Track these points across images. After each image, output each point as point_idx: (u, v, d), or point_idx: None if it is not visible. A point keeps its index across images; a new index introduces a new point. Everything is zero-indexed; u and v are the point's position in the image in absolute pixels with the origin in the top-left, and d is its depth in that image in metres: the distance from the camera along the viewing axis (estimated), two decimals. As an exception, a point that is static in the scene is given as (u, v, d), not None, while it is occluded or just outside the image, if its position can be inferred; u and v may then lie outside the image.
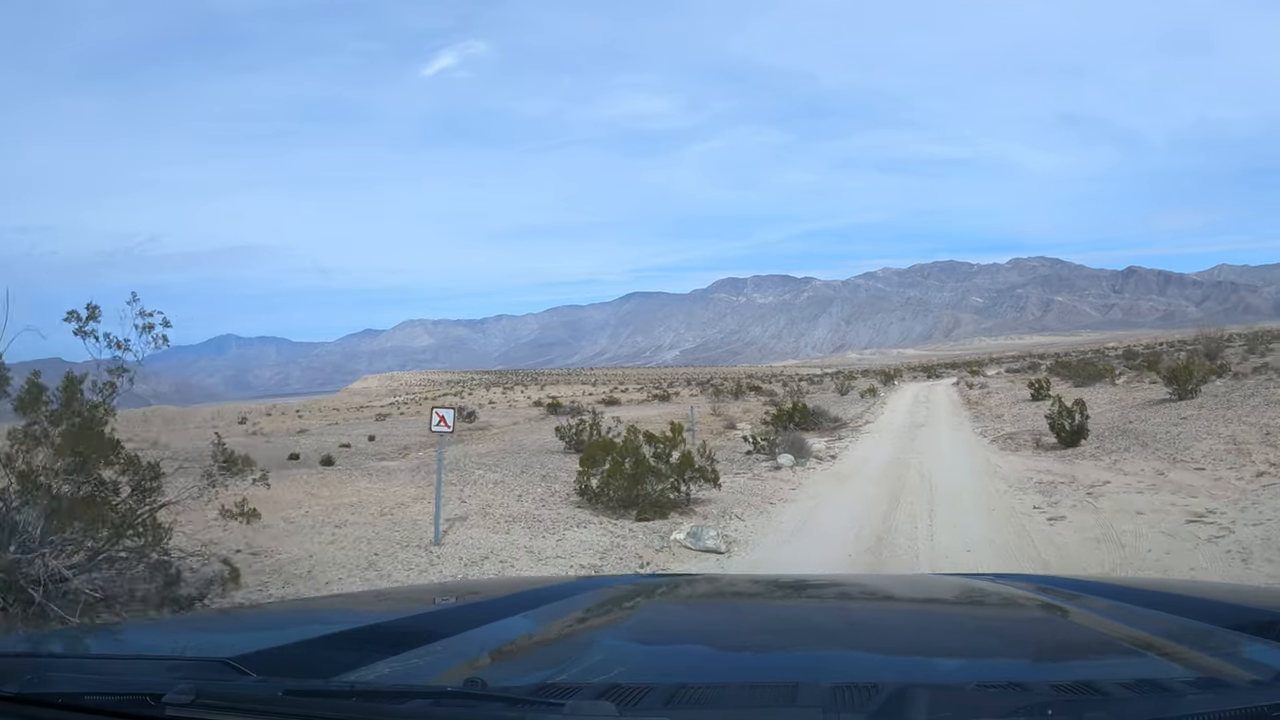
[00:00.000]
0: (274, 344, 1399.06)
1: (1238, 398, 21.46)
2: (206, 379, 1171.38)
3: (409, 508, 12.96)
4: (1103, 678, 1.44)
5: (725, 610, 2.72)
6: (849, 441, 24.22)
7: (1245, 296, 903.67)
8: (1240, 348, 56.16)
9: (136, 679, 1.48)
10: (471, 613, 2.33)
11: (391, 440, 34.23)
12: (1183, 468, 14.70)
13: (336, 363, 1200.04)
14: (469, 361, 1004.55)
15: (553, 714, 1.26)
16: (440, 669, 1.69)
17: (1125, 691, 1.35)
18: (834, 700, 1.32)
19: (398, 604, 3.01)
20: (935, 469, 17.25)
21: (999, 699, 1.36)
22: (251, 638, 2.07)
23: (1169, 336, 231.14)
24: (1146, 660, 1.77)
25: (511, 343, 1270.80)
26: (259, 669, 1.48)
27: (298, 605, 4.25)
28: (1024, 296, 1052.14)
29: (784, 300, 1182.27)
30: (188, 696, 1.33)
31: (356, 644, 1.84)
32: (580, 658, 1.74)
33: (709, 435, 28.36)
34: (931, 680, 1.57)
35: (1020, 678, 1.53)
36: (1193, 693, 1.34)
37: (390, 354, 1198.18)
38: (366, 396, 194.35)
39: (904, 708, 1.27)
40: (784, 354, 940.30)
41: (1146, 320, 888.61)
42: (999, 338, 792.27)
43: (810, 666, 1.80)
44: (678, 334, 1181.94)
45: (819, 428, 28.22)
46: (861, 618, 2.53)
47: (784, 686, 1.43)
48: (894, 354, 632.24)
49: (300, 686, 1.40)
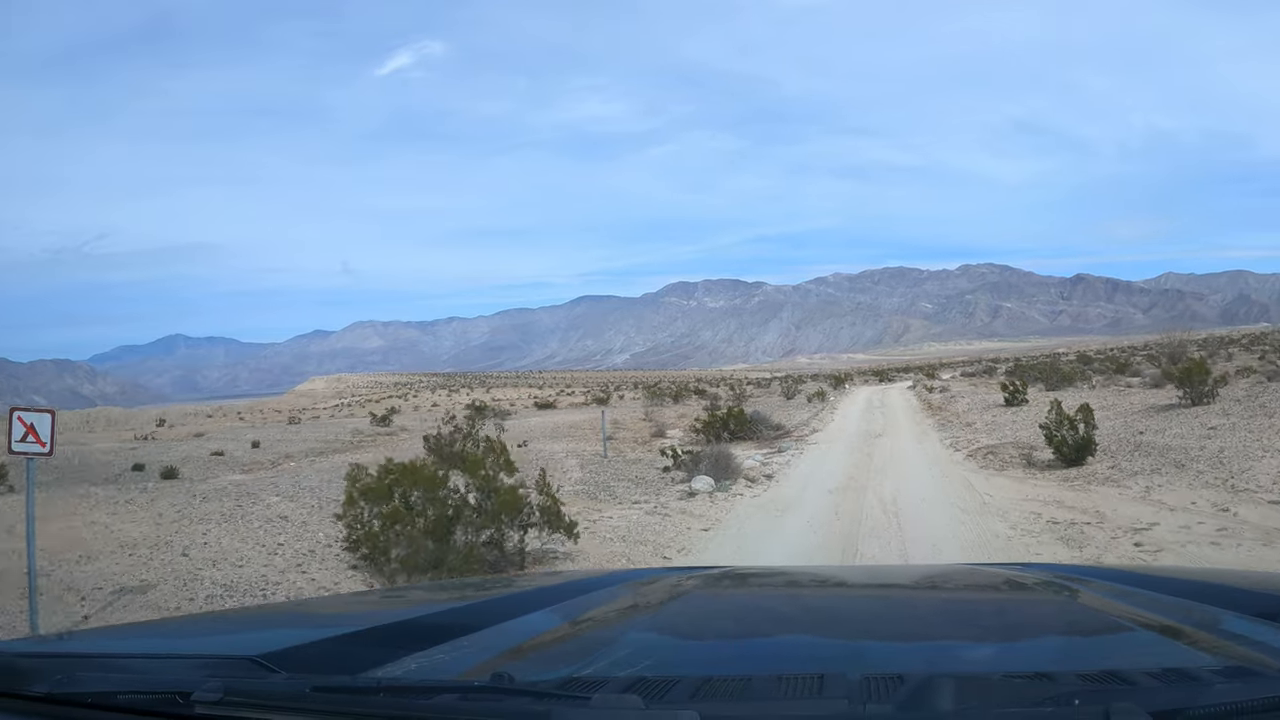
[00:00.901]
0: (223, 344, 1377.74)
1: (1275, 402, 17.15)
2: (155, 380, 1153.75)
3: (95, 562, 8.74)
4: (1129, 667, 1.41)
5: (751, 602, 2.67)
6: (791, 456, 19.64)
7: (1192, 304, 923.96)
8: (1199, 353, 54.09)
9: (165, 677, 1.48)
10: (497, 607, 2.31)
11: (279, 447, 31.15)
12: (1254, 500, 10.61)
13: (286, 364, 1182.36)
14: (420, 364, 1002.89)
15: (579, 708, 1.25)
16: (467, 664, 1.68)
17: (1152, 680, 1.34)
18: (861, 691, 1.31)
19: (423, 599, 2.95)
20: (903, 497, 12.83)
21: (1026, 689, 1.34)
22: (278, 635, 2.03)
23: (1118, 342, 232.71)
24: (1173, 648, 1.75)
25: (462, 345, 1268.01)
26: (286, 666, 1.49)
27: (323, 602, 4.01)
28: (973, 303, 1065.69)
29: (735, 304, 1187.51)
30: (216, 694, 1.33)
31: (383, 640, 1.85)
32: (606, 651, 1.72)
33: (633, 445, 24.00)
34: (958, 671, 1.54)
35: (1046, 667, 1.50)
36: (1221, 681, 1.32)
37: (340, 355, 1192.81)
38: (312, 399, 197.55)
39: (931, 698, 1.26)
40: (734, 358, 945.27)
41: (1094, 327, 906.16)
42: (948, 343, 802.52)
43: (837, 658, 1.79)
44: (628, 338, 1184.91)
45: (757, 437, 23.84)
46: (887, 608, 2.50)
47: (810, 678, 1.41)
48: (844, 359, 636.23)
49: (328, 683, 1.39)
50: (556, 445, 23.76)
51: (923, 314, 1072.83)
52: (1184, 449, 14.20)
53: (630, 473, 17.39)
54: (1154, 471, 13.02)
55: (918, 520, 11.00)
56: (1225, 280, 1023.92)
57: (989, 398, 31.08)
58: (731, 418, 24.52)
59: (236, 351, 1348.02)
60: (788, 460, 18.78)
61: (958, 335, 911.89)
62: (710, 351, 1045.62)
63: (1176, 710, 1.21)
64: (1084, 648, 1.85)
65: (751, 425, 24.53)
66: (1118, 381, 35.67)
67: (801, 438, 23.95)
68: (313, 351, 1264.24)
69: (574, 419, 36.15)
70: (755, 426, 24.60)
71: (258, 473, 21.55)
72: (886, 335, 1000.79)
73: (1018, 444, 17.90)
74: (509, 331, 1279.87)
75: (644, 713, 1.23)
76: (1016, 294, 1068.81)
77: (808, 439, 23.58)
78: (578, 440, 24.47)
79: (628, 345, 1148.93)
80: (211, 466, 25.17)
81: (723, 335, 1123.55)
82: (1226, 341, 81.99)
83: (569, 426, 31.27)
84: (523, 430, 30.63)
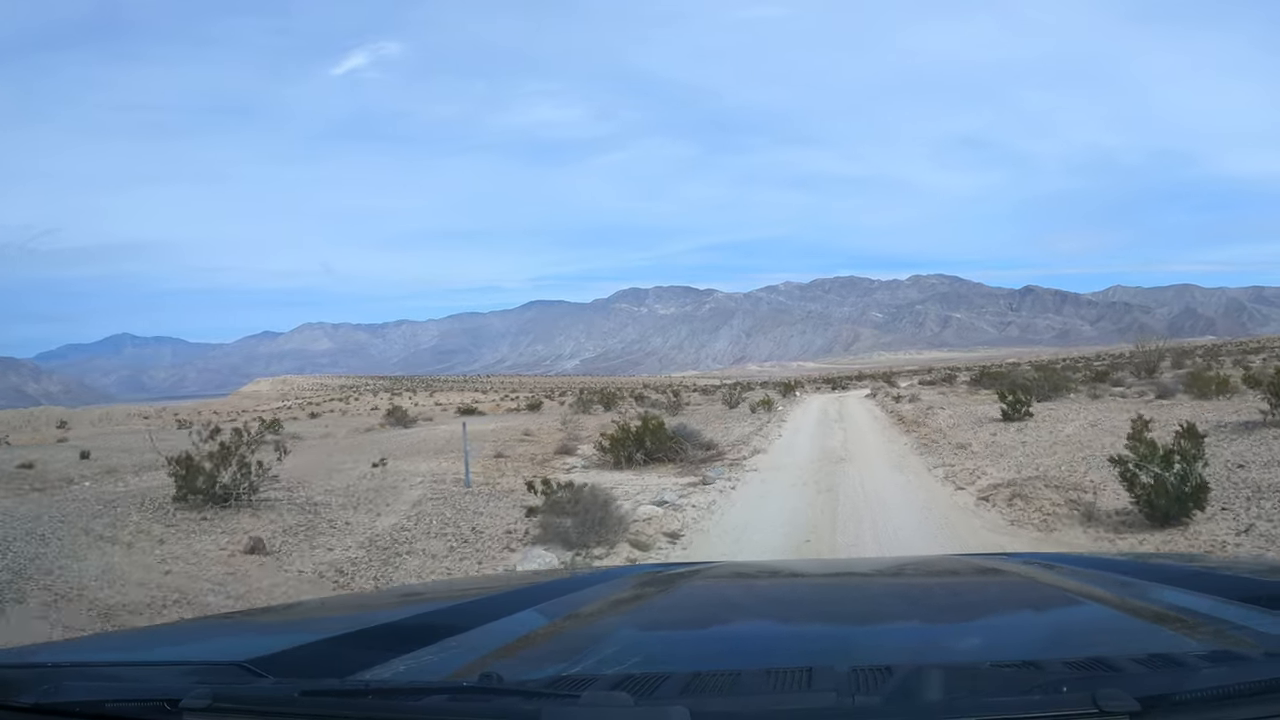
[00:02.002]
0: (170, 344, 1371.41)
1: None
2: (101, 379, 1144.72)
3: None
4: (1116, 654, 1.43)
5: (739, 597, 2.70)
6: (719, 492, 13.54)
7: (1139, 317, 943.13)
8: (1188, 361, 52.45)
9: (152, 685, 1.49)
10: (485, 607, 2.28)
11: (114, 459, 24.53)
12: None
13: (234, 365, 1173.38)
14: (369, 367, 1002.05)
15: (569, 706, 1.25)
16: (456, 664, 1.68)
17: (1139, 667, 1.36)
18: (850, 683, 1.32)
19: (411, 601, 2.90)
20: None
21: (1014, 678, 1.35)
22: (265, 640, 1.99)
23: (1067, 354, 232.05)
24: (1160, 635, 1.78)
25: (412, 349, 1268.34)
26: (274, 670, 1.49)
27: (310, 606, 3.81)
28: (923, 313, 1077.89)
29: (685, 312, 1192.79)
30: (204, 701, 1.33)
31: (370, 642, 1.84)
32: (595, 649, 1.72)
33: (525, 464, 18.34)
34: (946, 661, 1.55)
35: (1034, 655, 1.53)
36: (1207, 666, 1.34)
37: (289, 357, 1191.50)
38: (256, 400, 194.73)
39: (919, 689, 1.28)
40: (685, 365, 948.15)
41: (1043, 338, 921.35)
42: (898, 352, 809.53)
43: (825, 650, 1.80)
44: (578, 343, 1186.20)
45: (680, 458, 17.84)
46: (875, 600, 2.54)
47: (799, 671, 1.41)
48: (794, 367, 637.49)
49: (316, 687, 1.39)
50: (424, 465, 18.61)
51: (873, 323, 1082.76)
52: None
53: (468, 522, 11.56)
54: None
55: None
56: (1172, 294, 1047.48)
57: (975, 409, 25.42)
58: (648, 433, 18.47)
59: (184, 352, 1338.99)
60: (711, 500, 12.67)
61: (908, 345, 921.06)
62: (661, 358, 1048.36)
63: (1163, 695, 1.22)
64: (1070, 635, 1.87)
65: (675, 443, 18.53)
66: (1108, 392, 30.33)
67: (738, 461, 17.89)
68: (261, 353, 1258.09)
69: (487, 428, 31.78)
70: (679, 445, 18.60)
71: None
72: (837, 344, 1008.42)
73: (1050, 480, 12.05)
74: (459, 335, 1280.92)
75: (633, 709, 1.23)
76: (966, 305, 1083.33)
77: (745, 463, 17.48)
78: (458, 459, 18.48)
79: (578, 351, 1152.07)
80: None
81: (673, 342, 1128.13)
82: (1183, 351, 78.65)
83: (471, 437, 25.31)
84: (410, 442, 25.71)
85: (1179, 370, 38.08)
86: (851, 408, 36.16)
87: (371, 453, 20.98)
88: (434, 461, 19.21)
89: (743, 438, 22.53)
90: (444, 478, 15.99)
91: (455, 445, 22.98)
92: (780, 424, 27.37)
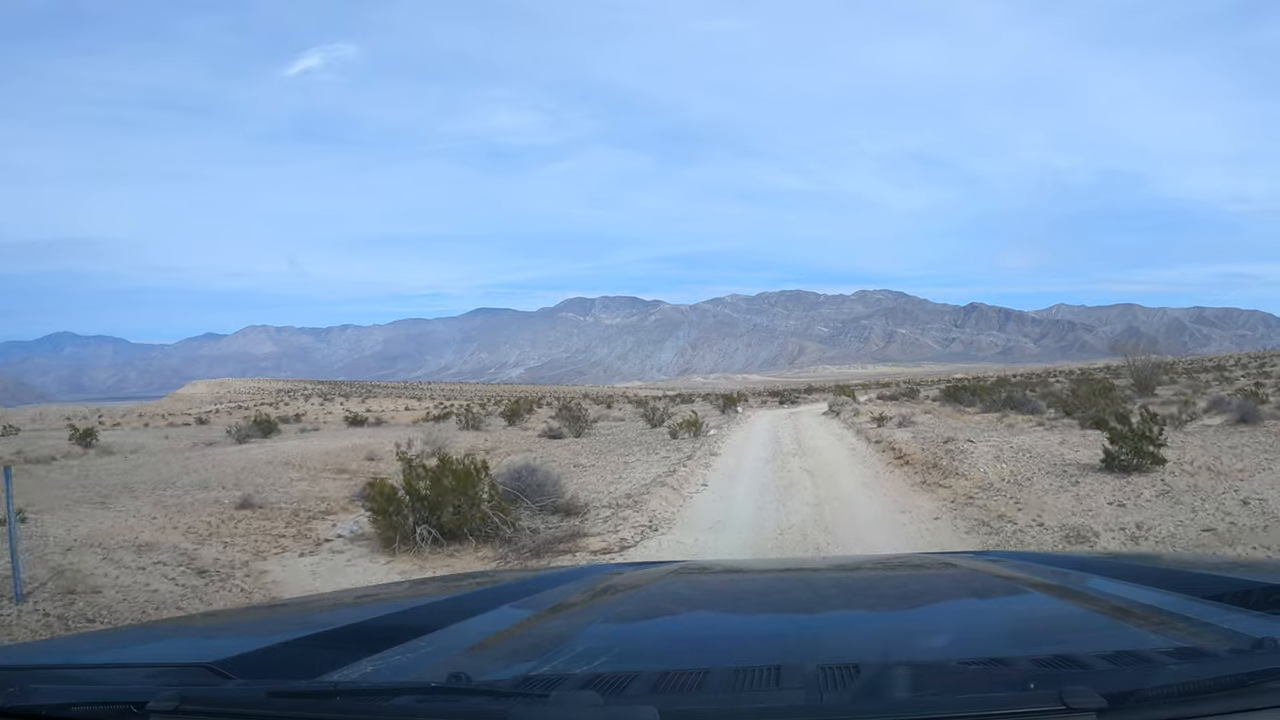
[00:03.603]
0: (111, 344, 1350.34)
1: None
2: (40, 378, 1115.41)
3: None
4: (1083, 651, 1.45)
5: (707, 595, 2.67)
6: None
7: (1082, 335, 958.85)
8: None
9: (119, 687, 1.48)
10: (453, 607, 2.27)
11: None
12: None
13: (175, 366, 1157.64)
14: (312, 371, 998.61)
15: (537, 706, 1.26)
16: (424, 665, 1.68)
17: (1105, 663, 1.37)
18: (818, 681, 1.33)
19: (379, 602, 2.83)
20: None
21: (981, 675, 1.37)
22: (233, 641, 1.98)
23: (1011, 370, 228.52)
24: (1126, 632, 1.80)
25: (356, 354, 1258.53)
26: (242, 672, 1.49)
27: (278, 607, 3.85)
28: (868, 327, 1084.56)
29: (631, 322, 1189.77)
30: (171, 703, 1.32)
31: (339, 643, 1.84)
32: (564, 648, 1.71)
33: (217, 541, 9.96)
34: (913, 659, 1.54)
35: (1001, 653, 1.54)
36: (1172, 663, 1.36)
37: (232, 359, 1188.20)
38: (190, 403, 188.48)
39: (887, 686, 1.29)
40: (629, 375, 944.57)
41: (987, 355, 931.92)
42: (843, 366, 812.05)
43: (794, 648, 1.80)
44: (524, 352, 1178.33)
45: (505, 537, 9.00)
46: (843, 598, 2.51)
47: (768, 669, 1.42)
48: (739, 379, 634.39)
49: (284, 688, 1.39)
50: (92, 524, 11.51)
51: (818, 337, 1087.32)
52: None
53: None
54: None
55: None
56: (1115, 313, 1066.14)
57: (1016, 440, 16.53)
58: (450, 489, 9.49)
59: (125, 352, 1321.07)
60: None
61: (852, 359, 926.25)
62: (606, 368, 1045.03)
63: (1129, 691, 1.24)
64: (1037, 633, 1.87)
65: (501, 508, 9.58)
66: (1186, 412, 21.73)
67: (609, 548, 9.00)
68: (203, 355, 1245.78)
69: (338, 445, 26.60)
70: (509, 510, 9.64)
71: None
72: (782, 357, 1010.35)
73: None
74: (404, 341, 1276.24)
75: (602, 709, 1.23)
76: (911, 320, 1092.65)
77: (622, 555, 8.53)
78: (176, 514, 10.90)
79: (523, 359, 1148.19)
80: None
81: (618, 352, 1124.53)
82: (1181, 366, 72.47)
83: (287, 463, 20.58)
84: (210, 464, 20.31)
85: (1180, 386, 30.82)
86: (811, 432, 26.65)
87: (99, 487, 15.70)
88: (133, 510, 12.61)
89: (641, 488, 13.28)
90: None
91: (258, 473, 17.89)
92: (709, 460, 17.96)
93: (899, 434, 21.20)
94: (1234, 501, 9.32)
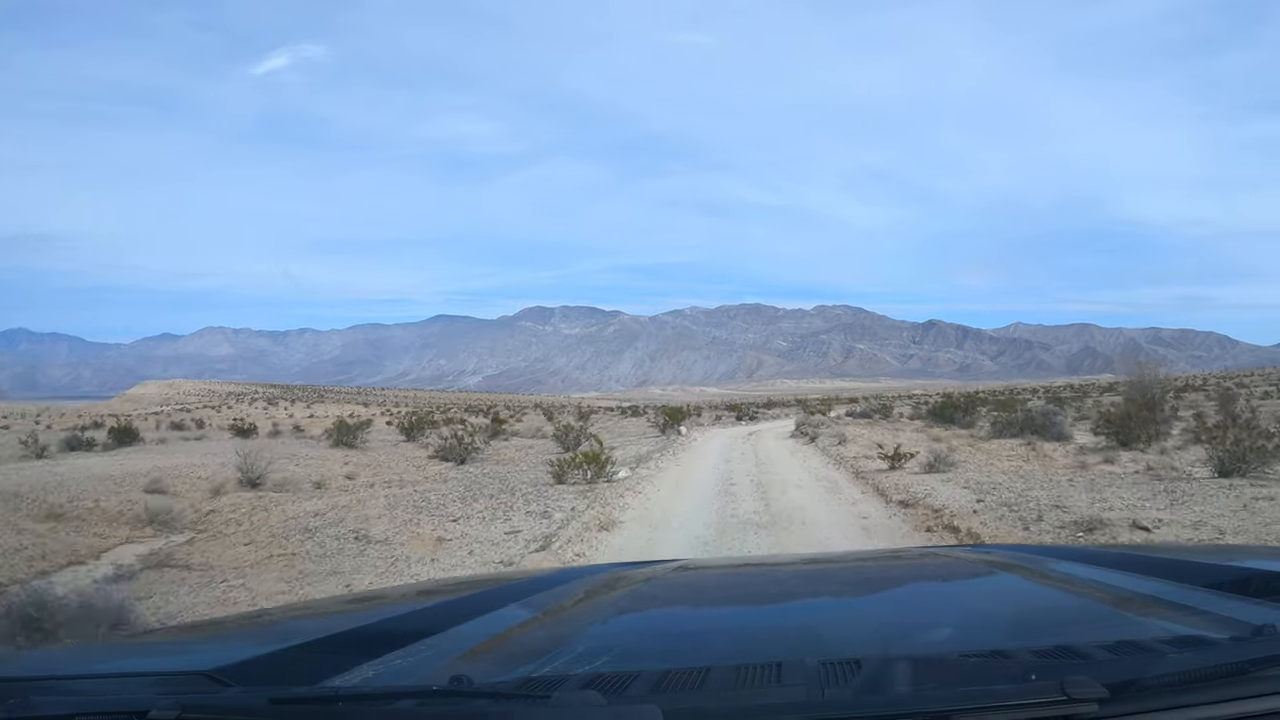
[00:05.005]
0: (66, 342, 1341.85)
1: None
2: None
3: None
4: (1083, 641, 1.46)
5: (708, 593, 2.65)
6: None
7: (1039, 354, 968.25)
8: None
9: (120, 697, 1.45)
10: (453, 610, 2.23)
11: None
12: None
13: (130, 366, 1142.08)
14: (269, 374, 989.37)
15: (539, 707, 1.26)
16: (425, 668, 1.66)
17: (1106, 654, 1.38)
18: (819, 677, 1.33)
19: (377, 606, 2.87)
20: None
21: (982, 668, 1.37)
22: (232, 649, 2.00)
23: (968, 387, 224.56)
24: (1126, 622, 1.82)
25: (314, 358, 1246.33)
26: (242, 679, 1.47)
27: (276, 614, 3.51)
28: (827, 342, 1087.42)
29: (590, 332, 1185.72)
30: (172, 712, 1.31)
31: (339, 648, 1.82)
32: (565, 649, 1.70)
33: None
34: (914, 653, 1.55)
35: (1002, 646, 1.54)
36: (1173, 652, 1.36)
37: (189, 360, 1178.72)
38: (139, 404, 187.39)
39: (889, 681, 1.29)
40: (587, 386, 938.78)
41: (944, 371, 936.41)
42: (801, 381, 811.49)
43: (795, 645, 1.80)
44: (482, 360, 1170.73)
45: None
46: (844, 594, 2.53)
47: (769, 666, 1.42)
48: (697, 391, 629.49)
49: (284, 694, 1.39)
50: None
51: (777, 351, 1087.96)
52: None
53: None
54: None
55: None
56: (1072, 333, 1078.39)
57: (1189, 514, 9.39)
58: None
59: (80, 350, 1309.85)
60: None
61: (811, 374, 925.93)
62: (564, 378, 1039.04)
63: (1130, 681, 1.24)
64: (1037, 624, 1.86)
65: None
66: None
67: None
68: (159, 355, 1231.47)
69: (165, 463, 21.66)
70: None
71: None
72: (740, 370, 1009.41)
73: None
74: (362, 346, 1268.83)
75: (605, 709, 1.23)
76: (870, 336, 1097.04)
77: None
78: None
79: (481, 367, 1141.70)
80: None
81: (577, 362, 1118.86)
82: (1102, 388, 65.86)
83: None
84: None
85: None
86: (783, 473, 17.53)
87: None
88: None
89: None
90: None
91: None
92: (606, 530, 10.43)
93: (948, 493, 12.65)
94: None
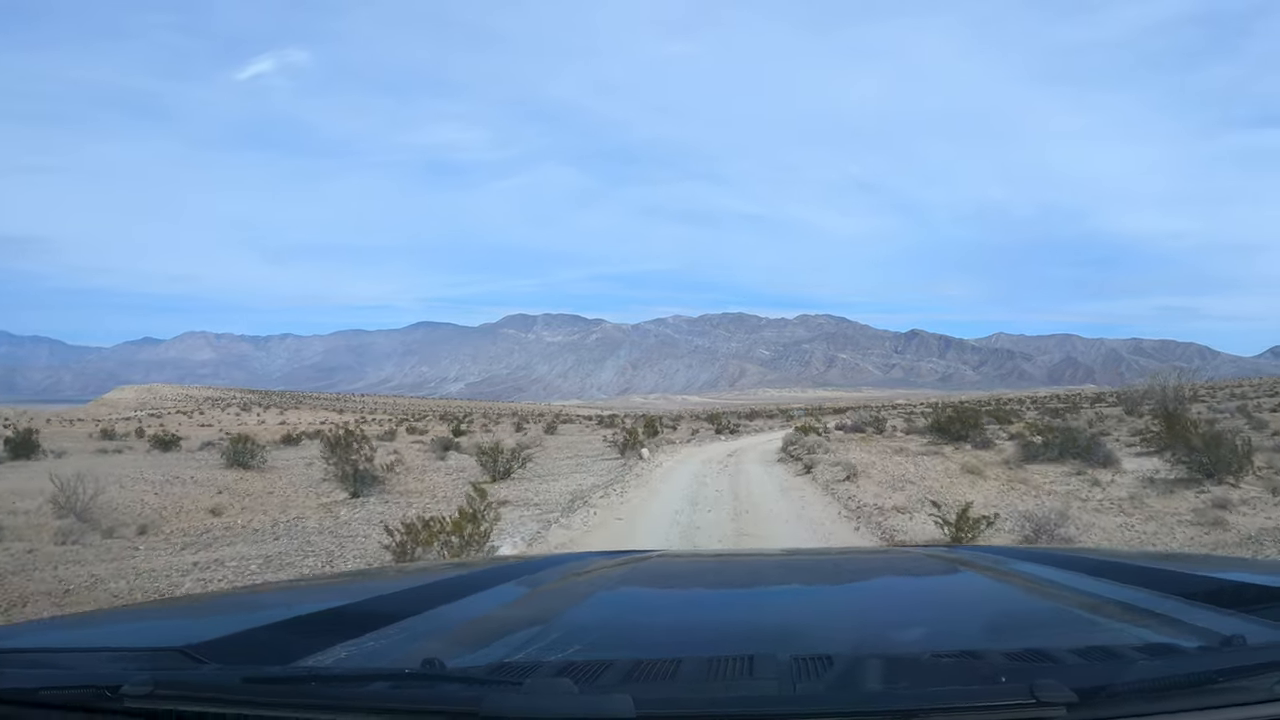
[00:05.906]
0: (47, 345, 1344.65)
1: None
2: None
3: None
4: (1055, 646, 1.47)
5: (682, 585, 2.68)
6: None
7: (1020, 364, 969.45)
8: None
9: (92, 671, 1.46)
10: (428, 593, 2.27)
11: None
12: None
13: (111, 370, 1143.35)
14: (251, 379, 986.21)
15: (511, 693, 1.26)
16: (398, 651, 1.68)
17: (1076, 658, 1.38)
18: (790, 672, 1.34)
19: (354, 587, 2.84)
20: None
21: (953, 668, 1.38)
22: (207, 625, 1.99)
23: (950, 397, 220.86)
24: (1098, 628, 1.83)
25: (296, 364, 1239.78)
26: (216, 657, 1.48)
27: (252, 591, 3.96)
28: (809, 352, 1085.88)
29: (573, 340, 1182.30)
30: (145, 687, 1.31)
31: (313, 628, 1.84)
32: (538, 636, 1.73)
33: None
34: (886, 651, 1.58)
35: (973, 647, 1.55)
36: (1143, 659, 1.37)
37: (170, 365, 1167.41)
38: (114, 409, 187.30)
39: (860, 678, 1.30)
40: (569, 394, 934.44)
41: (927, 381, 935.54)
42: (784, 389, 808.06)
43: (767, 639, 1.80)
44: (464, 366, 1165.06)
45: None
46: (818, 591, 2.56)
47: (741, 659, 1.44)
48: (679, 400, 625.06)
49: (258, 673, 1.38)
50: None
51: (760, 360, 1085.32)
52: None
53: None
54: None
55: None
56: (1054, 343, 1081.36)
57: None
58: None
59: (61, 353, 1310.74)
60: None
61: (793, 383, 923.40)
62: (546, 386, 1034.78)
63: (1100, 687, 1.24)
64: (1010, 627, 1.89)
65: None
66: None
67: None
68: (141, 359, 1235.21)
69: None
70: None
71: None
72: (722, 379, 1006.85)
73: None
74: (344, 353, 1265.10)
75: (576, 697, 1.23)
76: (852, 345, 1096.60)
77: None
78: None
79: (463, 374, 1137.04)
80: None
81: (559, 370, 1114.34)
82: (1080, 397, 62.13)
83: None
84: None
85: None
86: (775, 533, 11.44)
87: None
88: None
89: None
90: None
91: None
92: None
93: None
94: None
